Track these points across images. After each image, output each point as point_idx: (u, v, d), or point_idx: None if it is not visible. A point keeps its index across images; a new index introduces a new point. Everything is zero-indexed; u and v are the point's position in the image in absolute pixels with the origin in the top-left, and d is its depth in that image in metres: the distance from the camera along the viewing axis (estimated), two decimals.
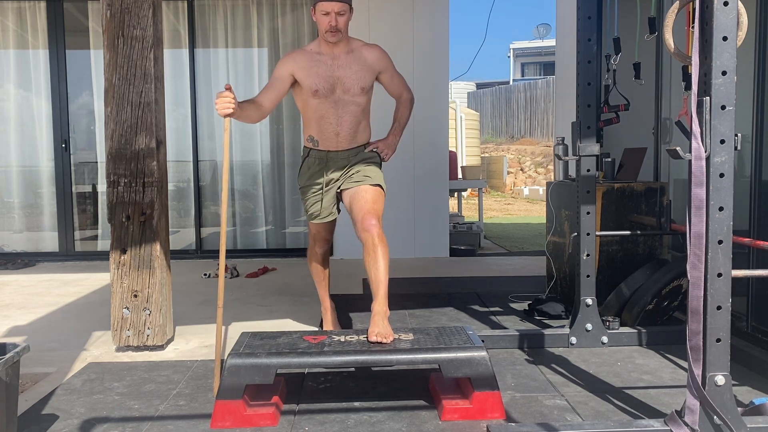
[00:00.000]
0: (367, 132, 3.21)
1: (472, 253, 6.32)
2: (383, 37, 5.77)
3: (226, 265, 5.16)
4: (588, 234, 3.09)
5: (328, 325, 3.41)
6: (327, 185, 3.18)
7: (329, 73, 3.04)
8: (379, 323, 2.59)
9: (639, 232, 3.62)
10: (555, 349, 3.13)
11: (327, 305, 3.45)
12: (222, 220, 2.64)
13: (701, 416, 1.99)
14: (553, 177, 13.36)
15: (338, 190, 3.18)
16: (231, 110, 2.69)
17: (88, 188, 6.27)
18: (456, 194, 8.57)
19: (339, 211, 3.29)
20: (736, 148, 1.96)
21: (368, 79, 3.11)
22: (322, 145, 3.14)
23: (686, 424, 2.01)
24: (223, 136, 2.65)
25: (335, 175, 3.15)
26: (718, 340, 1.99)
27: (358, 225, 2.94)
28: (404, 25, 5.90)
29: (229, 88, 2.69)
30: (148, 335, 3.14)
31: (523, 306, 3.98)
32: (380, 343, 2.49)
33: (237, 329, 3.56)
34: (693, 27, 2.08)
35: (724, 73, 1.93)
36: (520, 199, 14.65)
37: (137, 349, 3.16)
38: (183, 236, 6.23)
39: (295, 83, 3.09)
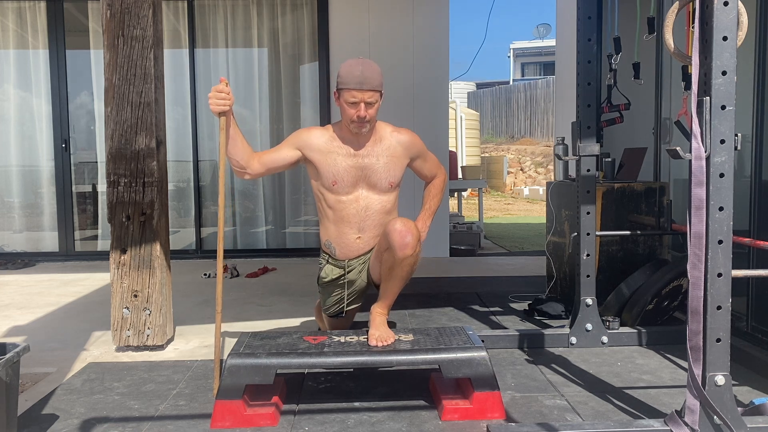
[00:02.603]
0: None
1: (472, 253, 6.32)
2: (383, 37, 5.79)
3: (226, 265, 5.19)
4: (588, 234, 3.09)
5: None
6: (350, 286, 2.90)
7: (351, 164, 2.69)
8: (380, 326, 2.58)
9: (639, 232, 3.62)
10: (555, 349, 3.13)
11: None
12: (219, 222, 2.58)
13: (701, 416, 1.99)
14: (553, 177, 13.36)
15: (365, 279, 2.90)
16: (226, 107, 2.46)
17: (88, 188, 6.28)
18: (456, 194, 8.57)
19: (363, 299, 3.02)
20: (736, 148, 1.96)
21: (399, 173, 2.77)
22: (339, 253, 2.83)
23: (686, 424, 2.01)
24: (219, 136, 2.55)
25: (359, 273, 2.89)
26: (718, 340, 1.99)
27: (394, 236, 2.54)
28: (404, 25, 5.90)
29: (225, 83, 2.46)
30: (148, 335, 3.14)
31: (523, 306, 3.98)
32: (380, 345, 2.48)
33: (237, 329, 3.56)
34: (693, 27, 2.08)
35: (724, 73, 1.93)
36: (520, 199, 14.65)
37: (137, 349, 3.16)
38: (183, 236, 6.23)
39: (309, 164, 2.75)
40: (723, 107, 1.94)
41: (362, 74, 2.60)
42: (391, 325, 2.72)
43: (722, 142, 1.94)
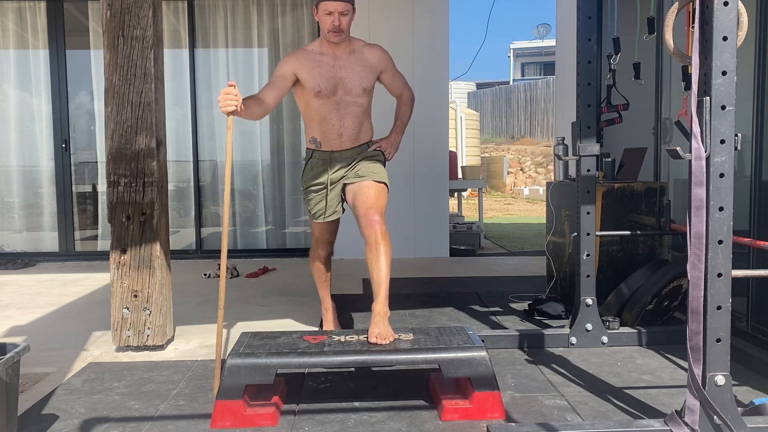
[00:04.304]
0: (369, 131, 3.20)
1: (472, 253, 6.32)
2: (383, 38, 5.77)
3: (227, 265, 5.19)
4: (588, 234, 3.09)
5: (329, 325, 3.41)
6: (331, 183, 3.17)
7: (331, 74, 3.03)
8: (379, 324, 2.58)
9: (639, 232, 3.62)
10: (555, 349, 3.13)
11: (328, 305, 3.45)
12: (224, 222, 2.62)
13: (701, 416, 1.99)
14: (553, 177, 13.36)
15: (343, 187, 3.16)
16: (234, 107, 2.63)
17: (88, 188, 6.28)
18: (456, 194, 8.57)
19: (343, 210, 3.27)
20: (736, 148, 1.96)
21: (370, 80, 3.10)
22: (325, 146, 3.13)
23: (686, 424, 2.01)
24: (226, 135, 2.62)
25: (340, 173, 3.14)
26: (718, 340, 1.99)
27: (361, 220, 2.92)
28: (404, 25, 5.90)
29: (233, 85, 2.65)
30: (148, 335, 3.14)
31: (523, 306, 3.98)
32: (380, 343, 2.48)
33: (237, 329, 3.56)
34: (693, 27, 2.09)
35: (724, 73, 1.93)
36: (520, 199, 14.65)
37: (137, 349, 3.16)
38: (183, 236, 6.23)
39: (296, 83, 3.07)
40: (723, 107, 1.94)
41: None
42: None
43: (722, 142, 1.94)
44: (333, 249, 3.45)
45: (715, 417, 1.98)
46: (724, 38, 1.92)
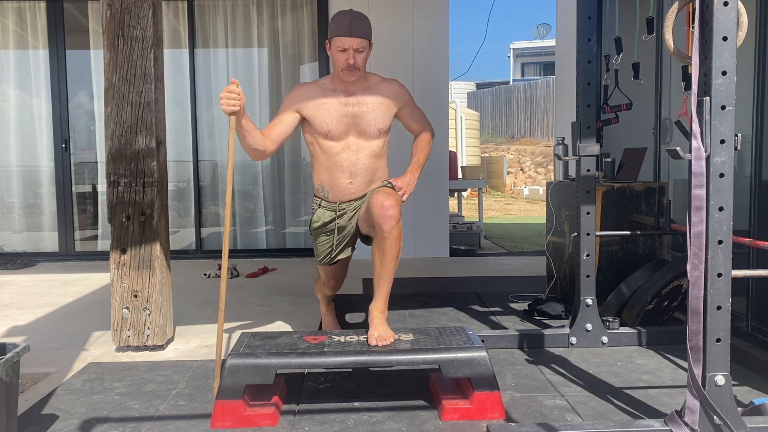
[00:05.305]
0: (384, 177, 2.97)
1: (472, 253, 6.32)
2: (383, 38, 5.78)
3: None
4: (588, 234, 3.09)
5: (328, 325, 3.41)
6: (340, 232, 3.00)
7: (343, 113, 2.80)
8: (378, 326, 2.58)
9: (639, 232, 3.62)
10: (555, 349, 3.13)
11: (326, 309, 3.44)
12: (225, 223, 2.61)
13: (701, 416, 1.99)
14: (553, 177, 13.36)
15: (353, 227, 2.99)
16: (237, 107, 2.52)
17: (88, 188, 6.28)
18: (456, 194, 8.57)
19: (354, 249, 3.11)
20: (736, 148, 1.96)
21: (387, 120, 2.87)
22: (332, 196, 2.92)
23: (686, 424, 2.01)
24: (227, 135, 2.59)
25: (347, 216, 2.97)
26: (718, 340, 1.99)
27: (375, 209, 2.65)
28: (404, 25, 5.90)
29: (236, 83, 2.52)
30: (148, 335, 3.14)
31: (523, 306, 3.97)
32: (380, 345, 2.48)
33: (237, 329, 3.56)
34: (693, 27, 2.09)
35: (724, 73, 1.93)
36: (520, 199, 14.65)
37: (137, 349, 3.16)
38: (183, 236, 6.23)
39: (304, 120, 2.87)
40: (723, 107, 1.94)
41: (351, 23, 2.73)
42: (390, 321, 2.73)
43: (722, 142, 1.94)
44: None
45: (715, 417, 1.98)
46: (724, 38, 1.92)
